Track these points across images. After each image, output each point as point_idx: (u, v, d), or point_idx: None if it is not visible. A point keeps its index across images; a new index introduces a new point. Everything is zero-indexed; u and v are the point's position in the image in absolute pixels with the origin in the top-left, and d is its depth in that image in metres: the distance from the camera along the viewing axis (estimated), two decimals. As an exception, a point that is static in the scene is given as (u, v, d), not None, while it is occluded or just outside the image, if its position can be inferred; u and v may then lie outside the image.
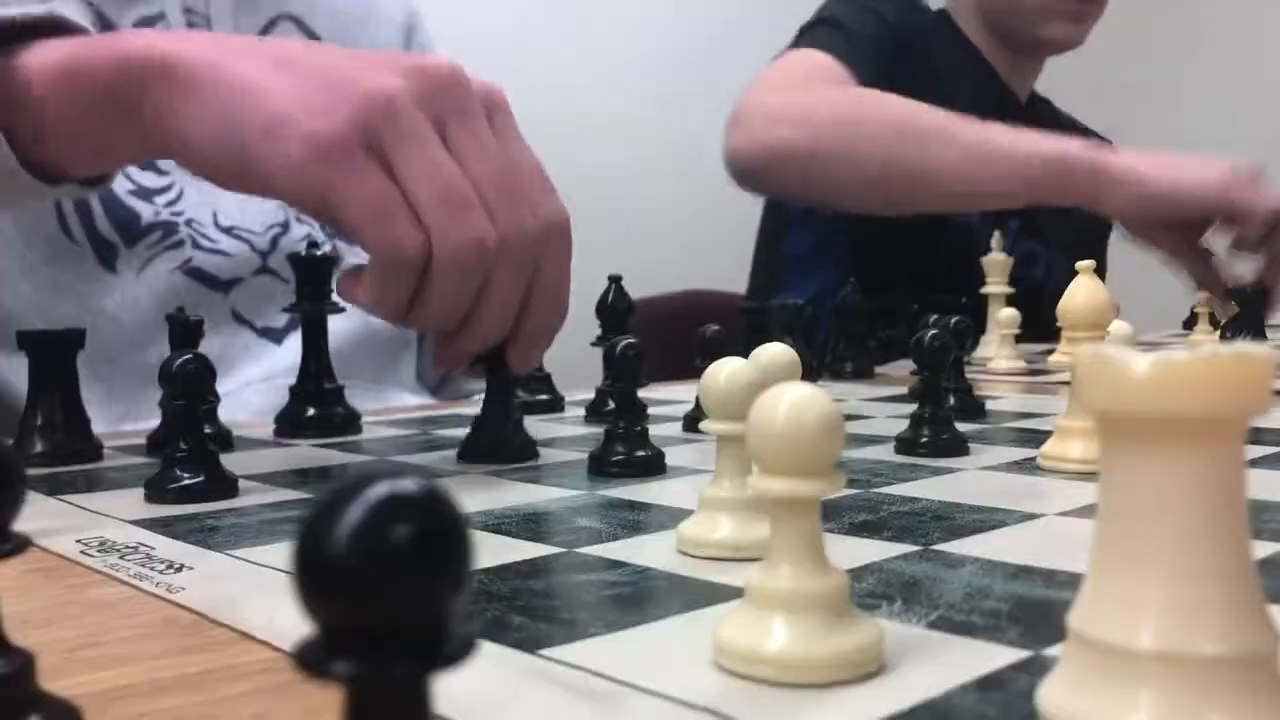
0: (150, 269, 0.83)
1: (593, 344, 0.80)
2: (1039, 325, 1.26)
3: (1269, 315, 0.99)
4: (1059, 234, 1.49)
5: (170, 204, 0.84)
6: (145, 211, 0.83)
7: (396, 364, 0.98)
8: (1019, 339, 0.99)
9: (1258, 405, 0.19)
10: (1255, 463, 0.50)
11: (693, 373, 0.45)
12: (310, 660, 0.14)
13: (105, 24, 0.83)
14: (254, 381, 0.85)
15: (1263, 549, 0.34)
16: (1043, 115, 1.55)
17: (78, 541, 0.39)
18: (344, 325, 0.91)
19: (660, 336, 0.95)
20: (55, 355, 0.57)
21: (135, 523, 0.42)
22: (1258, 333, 0.94)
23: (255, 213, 0.88)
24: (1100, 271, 1.67)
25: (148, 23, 0.86)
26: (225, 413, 0.64)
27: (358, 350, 0.90)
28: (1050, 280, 1.47)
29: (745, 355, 0.38)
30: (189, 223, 0.85)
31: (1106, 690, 0.19)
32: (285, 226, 0.90)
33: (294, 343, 0.87)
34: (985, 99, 1.45)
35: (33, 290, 0.80)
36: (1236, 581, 0.19)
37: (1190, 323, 1.18)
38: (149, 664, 0.27)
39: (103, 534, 0.41)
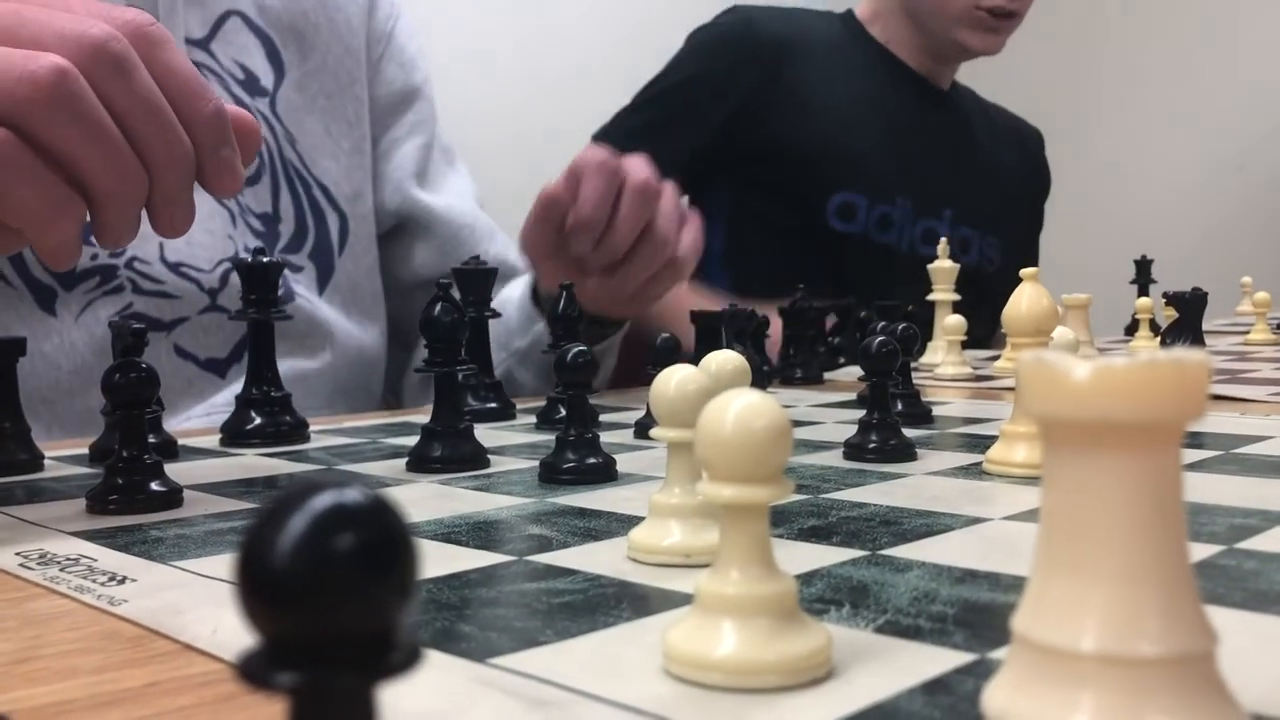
0: (89, 314, 0.80)
1: (544, 351, 0.80)
2: (982, 308, 1.29)
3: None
4: (990, 217, 1.53)
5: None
6: (82, 256, 0.80)
7: (359, 405, 0.97)
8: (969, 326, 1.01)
9: (1194, 410, 0.19)
10: (1192, 467, 0.51)
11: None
12: (253, 672, 0.14)
13: None
14: (194, 415, 0.83)
15: (1200, 551, 0.35)
16: (966, 103, 1.59)
17: (17, 554, 0.39)
18: (315, 366, 0.90)
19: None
20: (-7, 363, 0.56)
21: (76, 534, 0.41)
22: (1196, 338, 0.96)
23: (202, 247, 0.85)
24: (1034, 254, 1.70)
25: None
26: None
27: (319, 393, 0.89)
28: (986, 263, 1.51)
29: (696, 362, 0.39)
30: (130, 263, 0.82)
31: (1049, 692, 0.19)
32: (235, 264, 0.87)
33: (237, 373, 0.85)
34: (903, 91, 1.49)
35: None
36: (1175, 583, 0.20)
37: (1132, 329, 1.21)
38: (89, 678, 0.27)
39: (43, 546, 0.40)
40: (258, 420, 0.65)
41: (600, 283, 0.83)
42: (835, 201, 1.41)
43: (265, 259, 0.65)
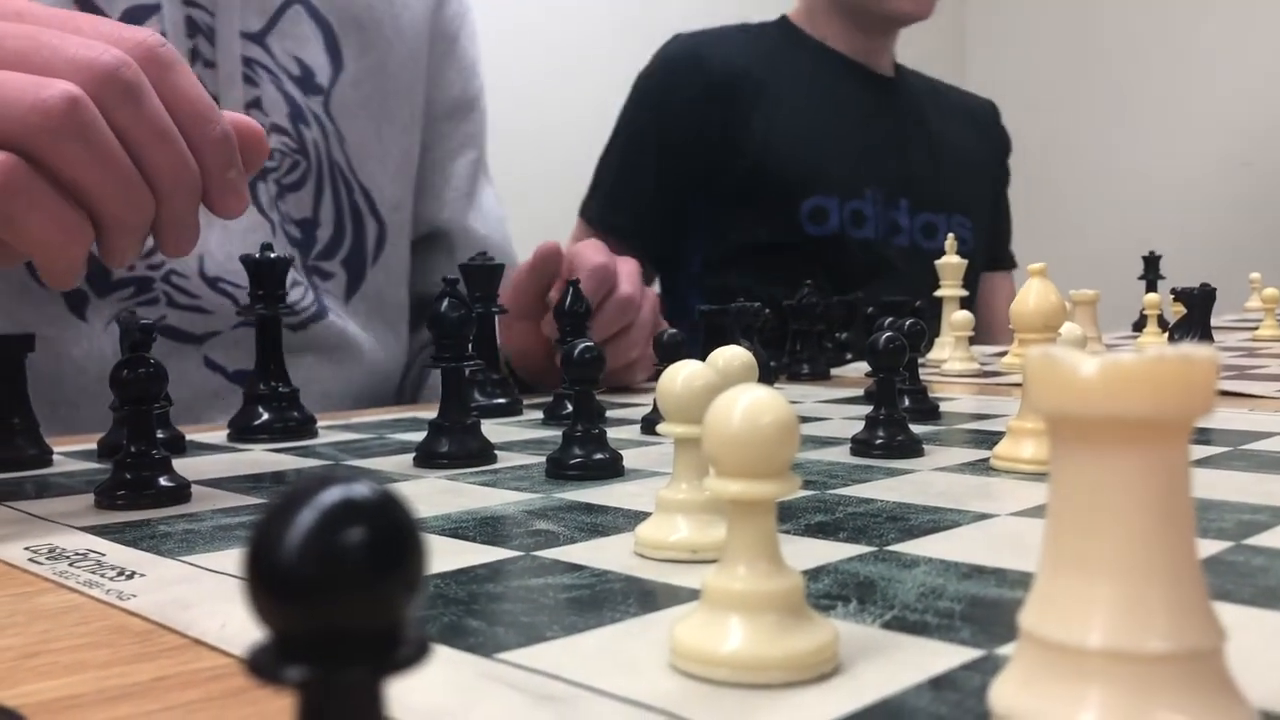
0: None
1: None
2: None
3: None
4: (954, 198, 1.54)
5: (149, 253, 0.81)
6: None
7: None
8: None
9: (1202, 406, 0.19)
10: (1200, 463, 0.51)
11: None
12: (262, 666, 0.14)
13: (92, 8, 0.79)
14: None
15: (1208, 547, 0.35)
16: (913, 86, 1.60)
17: (26, 549, 0.39)
18: (338, 380, 0.90)
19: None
20: (3, 359, 0.56)
21: (85, 529, 0.42)
22: (1204, 335, 0.96)
23: (242, 264, 0.85)
24: (1005, 229, 1.69)
25: (139, 13, 0.82)
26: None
27: (334, 403, 0.89)
28: (959, 244, 1.51)
29: (703, 358, 0.39)
30: (167, 276, 0.81)
31: (1056, 688, 0.19)
32: (245, 262, 0.87)
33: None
34: (849, 84, 1.51)
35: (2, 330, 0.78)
36: (1183, 580, 0.19)
37: (1140, 325, 1.20)
38: (98, 672, 0.27)
39: (52, 541, 0.40)
40: (265, 416, 0.65)
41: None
42: (807, 207, 1.44)
43: (273, 255, 0.65)
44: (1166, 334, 1.08)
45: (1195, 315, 0.97)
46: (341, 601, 0.14)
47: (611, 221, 1.46)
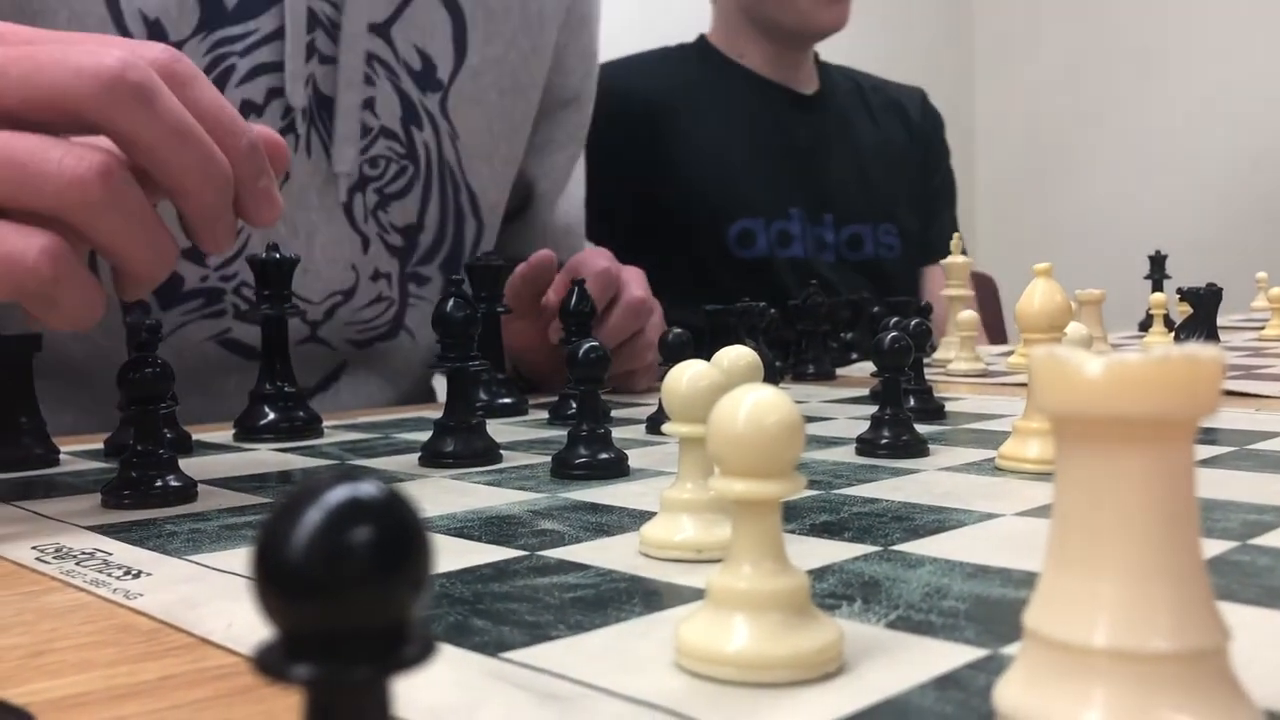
0: (180, 335, 0.79)
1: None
2: (888, 294, 1.29)
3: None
4: (879, 207, 1.53)
5: (225, 264, 0.79)
6: (191, 276, 0.78)
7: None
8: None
9: (1208, 406, 0.19)
10: (1205, 463, 0.50)
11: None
12: (269, 664, 0.14)
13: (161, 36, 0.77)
14: None
15: (1213, 547, 0.35)
16: (836, 97, 1.57)
17: (33, 548, 0.39)
18: (387, 395, 0.88)
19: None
20: (11, 359, 0.57)
21: (92, 528, 0.42)
22: (1210, 334, 0.96)
23: (318, 277, 0.83)
24: (944, 214, 1.64)
25: (255, 5, 0.78)
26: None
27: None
28: (884, 251, 1.52)
29: (708, 358, 0.39)
30: (238, 288, 0.80)
31: (1061, 687, 0.19)
32: (348, 295, 0.85)
33: (319, 403, 0.83)
34: (768, 106, 1.51)
35: (64, 338, 0.76)
36: (1187, 579, 0.19)
37: (1146, 325, 1.20)
38: (105, 671, 0.27)
39: (58, 540, 0.40)
40: (271, 415, 0.65)
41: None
42: (734, 231, 1.43)
43: (279, 255, 0.65)
44: (1172, 334, 1.08)
45: (1201, 315, 0.97)
46: (348, 600, 0.14)
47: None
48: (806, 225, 1.47)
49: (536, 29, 0.95)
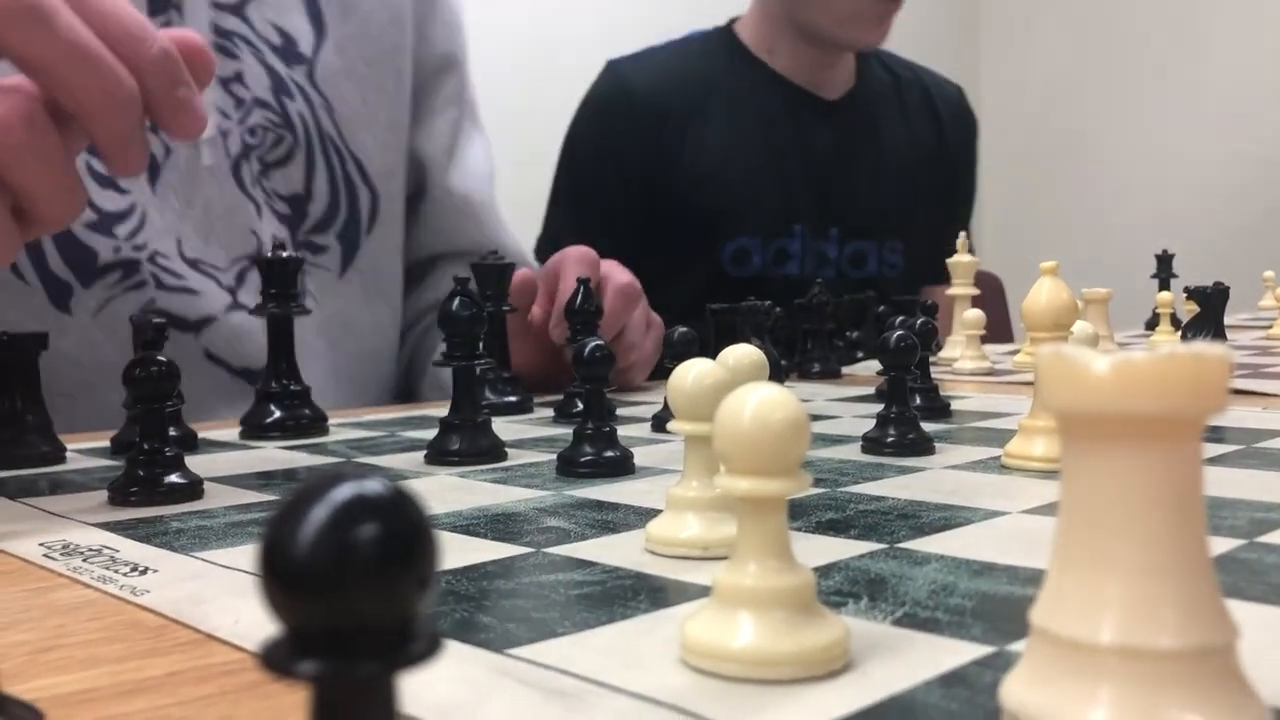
0: (108, 311, 0.79)
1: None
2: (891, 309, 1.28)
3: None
4: (888, 223, 1.50)
5: (132, 234, 0.80)
6: (104, 249, 0.79)
7: (370, 395, 0.96)
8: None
9: (1215, 404, 0.19)
10: (1213, 461, 0.50)
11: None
12: (276, 661, 0.14)
13: None
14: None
15: (1220, 545, 0.35)
16: (867, 94, 1.53)
17: (40, 544, 0.39)
18: (320, 364, 0.89)
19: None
20: (18, 357, 0.57)
21: (99, 525, 0.42)
22: (1217, 333, 0.96)
23: (219, 245, 0.84)
24: (960, 223, 1.60)
25: None
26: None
27: (331, 382, 0.89)
28: (887, 269, 1.49)
29: (713, 356, 0.39)
30: (152, 258, 0.80)
31: (1068, 685, 0.19)
32: (254, 261, 0.84)
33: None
34: (788, 114, 1.46)
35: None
36: (1194, 577, 0.19)
37: (1153, 323, 1.20)
38: (113, 667, 0.27)
39: (66, 537, 0.40)
40: (277, 414, 0.65)
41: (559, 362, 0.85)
42: (730, 249, 1.41)
43: (285, 254, 0.65)
44: (1179, 332, 1.08)
45: (1208, 314, 0.96)
46: (354, 597, 0.14)
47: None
48: (809, 240, 1.44)
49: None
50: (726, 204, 1.42)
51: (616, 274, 0.84)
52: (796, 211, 1.44)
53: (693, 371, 0.35)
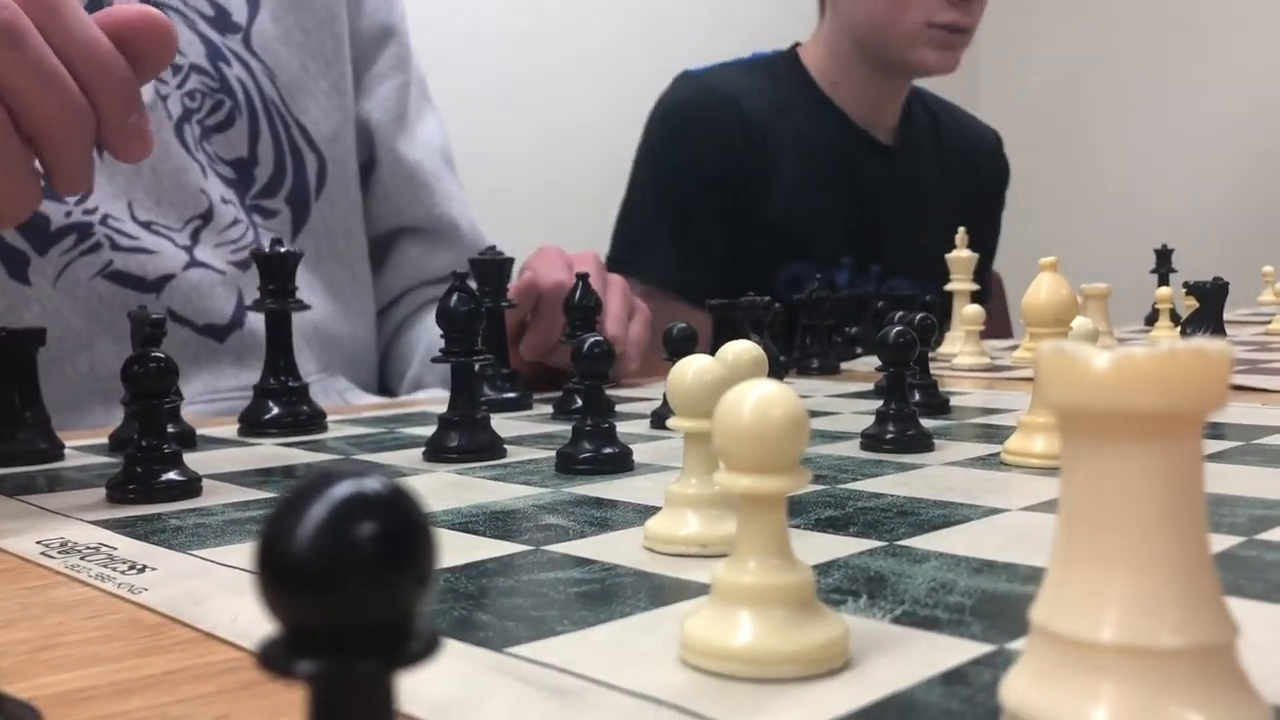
0: (67, 276, 0.78)
1: (561, 341, 0.80)
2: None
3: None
4: (926, 266, 1.51)
5: (81, 199, 0.79)
6: (55, 214, 0.78)
7: (345, 356, 0.96)
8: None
9: (1215, 400, 0.19)
10: (1213, 457, 0.50)
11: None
12: (273, 659, 0.14)
13: None
14: (197, 400, 0.81)
15: (1220, 542, 0.35)
16: (911, 145, 1.55)
17: (38, 542, 0.39)
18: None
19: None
20: (15, 353, 0.57)
21: (96, 523, 0.42)
22: (1216, 328, 0.96)
23: (170, 204, 0.84)
24: (984, 292, 1.64)
25: None
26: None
27: (301, 343, 0.89)
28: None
29: (712, 352, 0.39)
30: (105, 220, 0.80)
31: (1068, 683, 0.19)
32: (206, 217, 0.85)
33: (236, 341, 0.84)
34: (847, 153, 1.48)
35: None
36: (1195, 574, 0.19)
37: (1152, 319, 1.20)
38: (111, 665, 0.27)
39: (63, 534, 0.40)
40: (275, 410, 0.65)
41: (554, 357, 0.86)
42: (785, 274, 1.42)
43: (283, 249, 0.65)
44: (1179, 328, 1.08)
45: (1208, 309, 0.96)
46: (352, 595, 0.14)
47: (687, 278, 1.40)
48: (852, 274, 1.46)
49: None
50: (788, 225, 1.43)
51: (580, 263, 0.84)
52: (846, 245, 1.46)
53: (692, 368, 0.35)
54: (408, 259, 1.03)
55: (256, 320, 0.86)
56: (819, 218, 1.45)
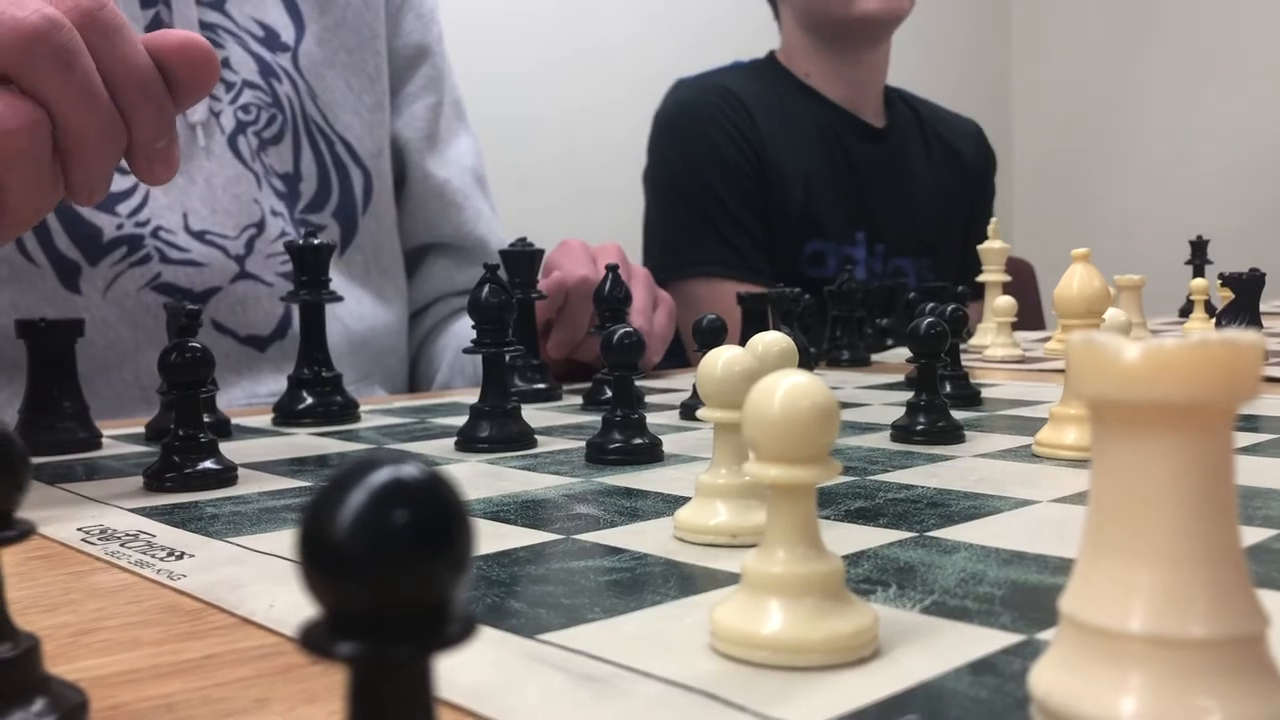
0: (116, 287, 0.80)
1: (590, 332, 0.80)
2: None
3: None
4: (924, 242, 1.54)
5: (134, 211, 0.81)
6: (107, 225, 0.80)
7: (384, 367, 0.98)
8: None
9: (1247, 392, 0.19)
10: (1245, 450, 0.50)
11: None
12: (314, 642, 0.14)
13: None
14: (234, 403, 0.82)
15: (1252, 535, 0.35)
16: (900, 131, 1.57)
17: (79, 529, 0.40)
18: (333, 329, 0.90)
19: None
20: (56, 344, 0.58)
21: (135, 510, 0.42)
22: (1252, 320, 0.95)
23: (226, 214, 0.85)
24: (971, 255, 1.63)
25: None
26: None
27: (348, 352, 0.90)
28: (923, 284, 1.52)
29: (742, 343, 0.39)
30: (156, 232, 0.82)
31: (1097, 673, 0.19)
32: (260, 226, 0.87)
33: (276, 350, 0.86)
34: (841, 132, 1.51)
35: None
36: (1225, 566, 0.19)
37: (1187, 310, 1.19)
38: (151, 649, 0.28)
39: (103, 522, 0.41)
40: (309, 400, 0.66)
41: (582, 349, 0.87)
42: (808, 250, 1.45)
43: (316, 241, 0.66)
44: (1213, 319, 1.07)
45: (1243, 300, 0.95)
46: (392, 580, 0.14)
47: (739, 257, 1.42)
48: (865, 252, 1.49)
49: None
50: (805, 207, 1.45)
51: (605, 255, 0.85)
52: (859, 221, 1.49)
53: (722, 359, 0.36)
54: (435, 272, 1.05)
55: (298, 330, 0.87)
56: (827, 197, 1.47)
